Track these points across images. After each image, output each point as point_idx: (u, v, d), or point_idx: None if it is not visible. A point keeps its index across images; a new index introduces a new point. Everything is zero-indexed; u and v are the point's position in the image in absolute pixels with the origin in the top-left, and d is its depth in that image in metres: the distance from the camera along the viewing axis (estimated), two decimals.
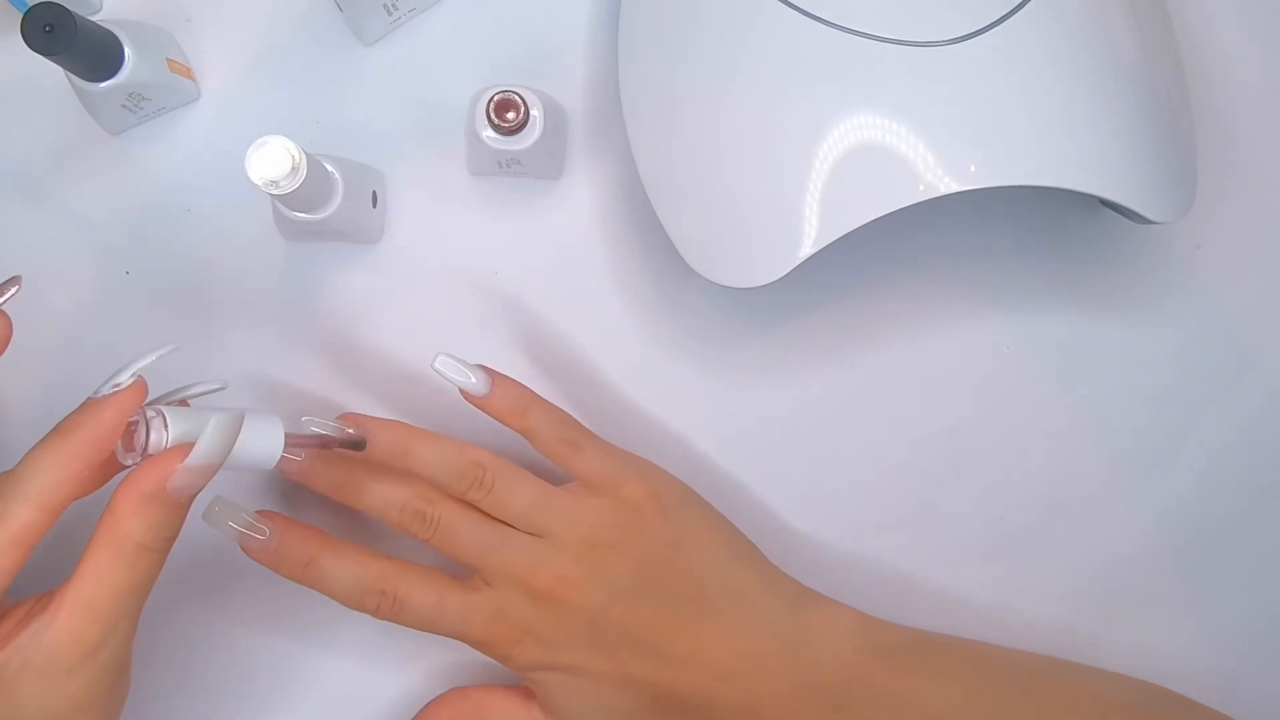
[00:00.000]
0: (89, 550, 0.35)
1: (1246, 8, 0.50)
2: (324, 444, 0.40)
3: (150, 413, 0.35)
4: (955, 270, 0.49)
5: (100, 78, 0.43)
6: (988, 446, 0.48)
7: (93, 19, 0.41)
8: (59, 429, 0.35)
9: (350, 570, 0.41)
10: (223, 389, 0.39)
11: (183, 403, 0.38)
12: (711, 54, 0.44)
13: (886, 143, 0.41)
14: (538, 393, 0.44)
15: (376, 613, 0.41)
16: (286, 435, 0.37)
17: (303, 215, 0.43)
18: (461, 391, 0.42)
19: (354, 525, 0.46)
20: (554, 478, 0.43)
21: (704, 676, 0.41)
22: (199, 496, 0.36)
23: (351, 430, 0.41)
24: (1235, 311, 0.49)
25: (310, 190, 0.41)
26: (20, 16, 0.38)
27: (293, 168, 0.39)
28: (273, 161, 0.39)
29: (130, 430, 0.35)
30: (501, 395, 0.42)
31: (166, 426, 0.35)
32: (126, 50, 0.43)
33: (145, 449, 0.35)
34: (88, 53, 0.41)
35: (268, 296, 0.48)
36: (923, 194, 0.40)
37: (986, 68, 0.41)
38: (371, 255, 0.48)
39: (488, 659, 0.42)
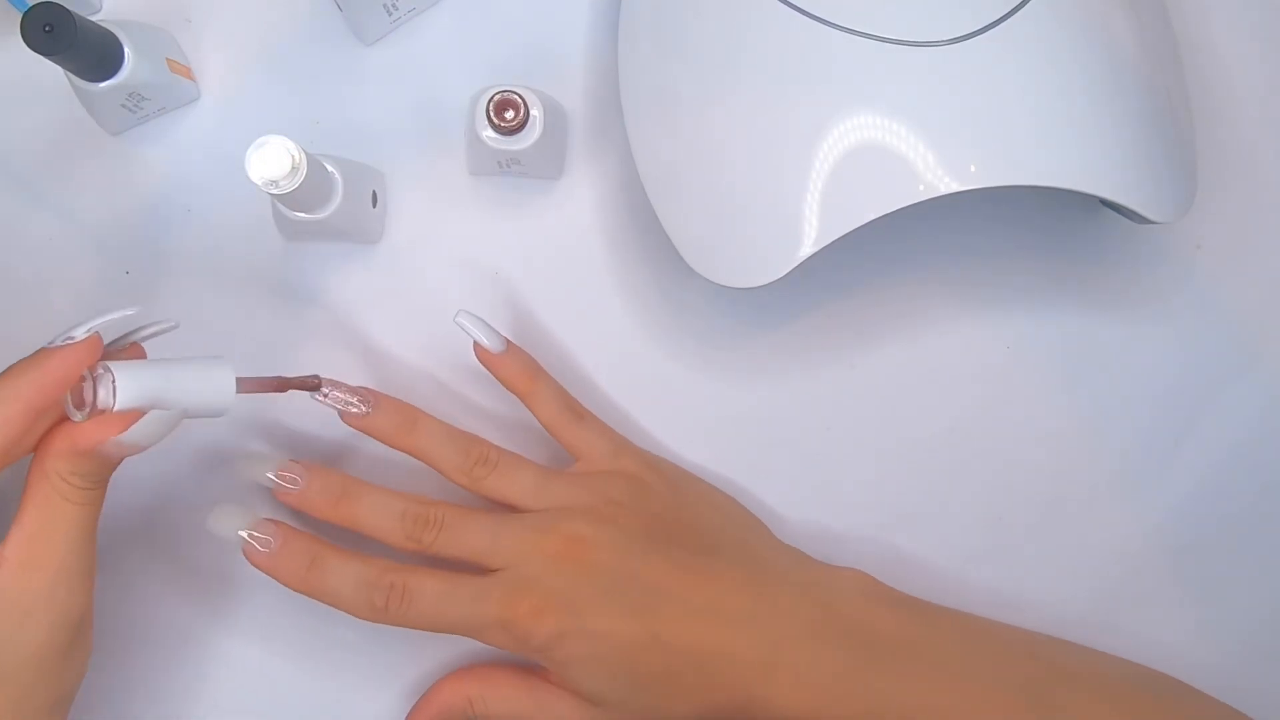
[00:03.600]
0: (25, 493, 0.36)
1: (1246, 8, 0.50)
2: (279, 387, 0.40)
3: (100, 369, 0.35)
4: (955, 270, 0.49)
5: (100, 78, 0.43)
6: (988, 446, 0.48)
7: (93, 19, 0.41)
8: (8, 371, 0.36)
9: (355, 568, 0.40)
10: (175, 328, 0.39)
11: (135, 347, 0.39)
12: (712, 54, 0.44)
13: (886, 143, 0.41)
14: None
15: (385, 611, 0.40)
16: (240, 380, 0.38)
17: (303, 215, 0.43)
18: (476, 349, 0.43)
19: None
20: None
21: (724, 624, 0.41)
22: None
23: (310, 375, 0.41)
24: (1235, 311, 0.49)
25: (310, 190, 0.41)
26: (20, 16, 0.38)
27: (293, 167, 0.39)
28: (273, 161, 0.39)
29: (80, 386, 0.36)
30: (514, 357, 0.44)
31: (114, 391, 0.35)
32: (126, 50, 0.43)
33: (94, 406, 0.35)
34: (88, 53, 0.41)
35: (268, 296, 0.48)
36: (923, 194, 0.40)
37: (986, 68, 0.41)
38: (371, 255, 0.48)
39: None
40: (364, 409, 0.42)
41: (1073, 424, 0.48)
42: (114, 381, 0.35)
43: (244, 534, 0.40)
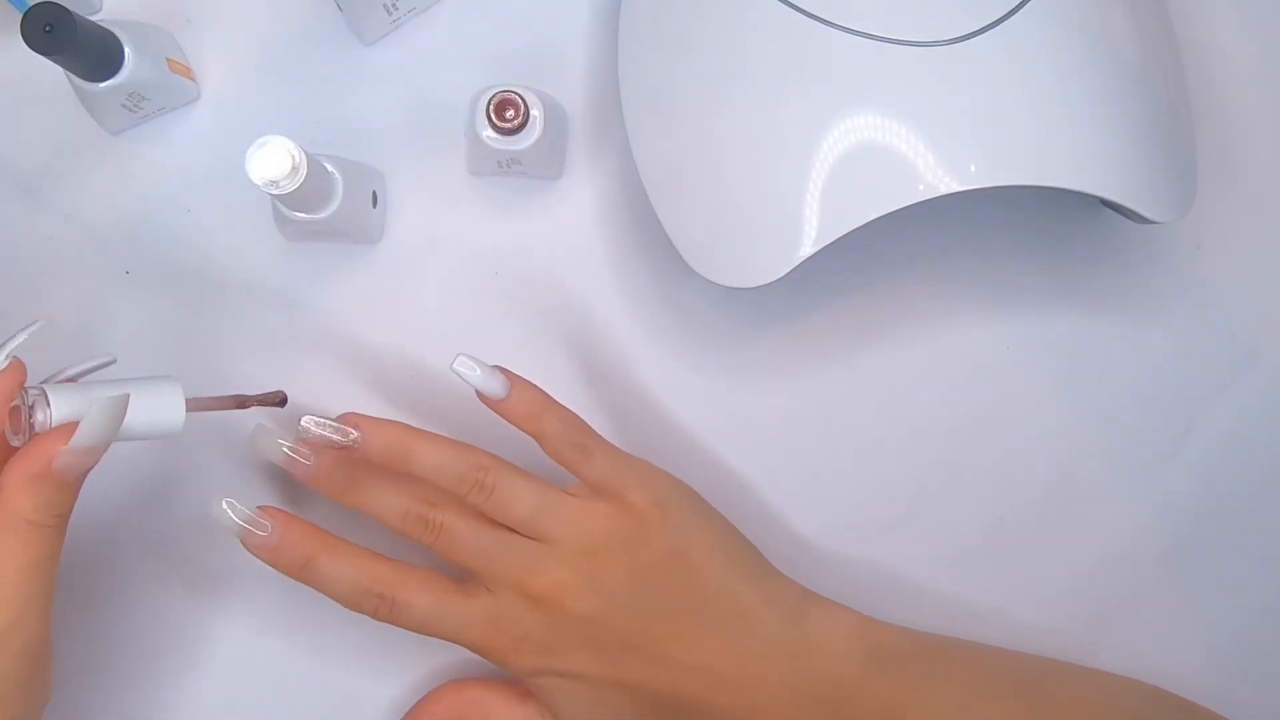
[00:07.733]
0: None
1: (1246, 7, 0.50)
2: (240, 404, 0.40)
3: (33, 392, 0.35)
4: (956, 270, 0.49)
5: (100, 78, 0.43)
6: (988, 447, 0.48)
7: (93, 19, 0.41)
8: None
9: (349, 572, 0.41)
10: (112, 363, 0.39)
11: (70, 382, 0.38)
12: (712, 54, 0.44)
13: (887, 142, 0.41)
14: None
15: (375, 615, 0.41)
16: (190, 400, 0.37)
17: (303, 215, 0.43)
18: (478, 393, 0.42)
19: (357, 526, 0.46)
20: (557, 478, 0.43)
21: (702, 683, 0.41)
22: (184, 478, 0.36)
23: (274, 391, 0.40)
24: (1235, 311, 0.49)
25: (310, 190, 0.41)
26: (20, 16, 0.38)
27: (293, 168, 0.39)
28: (273, 161, 0.39)
29: (15, 412, 0.35)
30: (518, 399, 0.42)
31: (49, 406, 0.35)
32: (126, 50, 0.43)
33: (32, 429, 0.35)
34: (88, 53, 0.41)
35: (268, 297, 0.48)
36: (923, 194, 0.40)
37: (986, 68, 0.41)
38: (371, 255, 0.48)
39: (484, 661, 0.42)
40: (350, 440, 0.40)
41: (1073, 424, 0.48)
42: (47, 399, 0.35)
43: (240, 522, 0.40)
